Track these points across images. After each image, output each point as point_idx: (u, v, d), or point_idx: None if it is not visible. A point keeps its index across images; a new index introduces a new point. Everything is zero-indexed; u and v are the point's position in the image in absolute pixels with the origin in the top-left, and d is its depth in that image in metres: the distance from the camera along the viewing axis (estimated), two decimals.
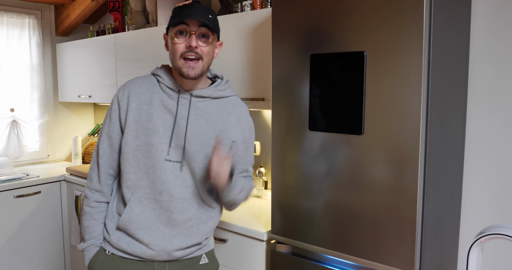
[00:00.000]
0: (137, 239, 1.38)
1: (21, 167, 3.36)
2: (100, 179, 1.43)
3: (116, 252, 1.42)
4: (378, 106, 1.47)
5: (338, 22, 1.54)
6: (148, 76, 1.44)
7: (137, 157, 1.36)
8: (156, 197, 1.37)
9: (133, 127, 1.36)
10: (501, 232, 1.02)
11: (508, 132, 1.70)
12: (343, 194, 1.58)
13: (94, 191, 1.44)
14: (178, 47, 1.30)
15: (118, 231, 1.41)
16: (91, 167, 1.46)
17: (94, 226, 1.43)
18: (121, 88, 1.42)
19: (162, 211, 1.38)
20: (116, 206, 1.45)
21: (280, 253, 1.79)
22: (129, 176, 1.39)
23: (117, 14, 3.22)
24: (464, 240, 1.83)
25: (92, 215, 1.43)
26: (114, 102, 1.41)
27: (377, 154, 1.49)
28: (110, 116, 1.41)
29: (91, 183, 1.45)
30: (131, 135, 1.36)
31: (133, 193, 1.38)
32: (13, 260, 2.88)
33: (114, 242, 1.41)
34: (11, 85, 3.23)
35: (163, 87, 1.39)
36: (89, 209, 1.44)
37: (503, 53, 1.69)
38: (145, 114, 1.36)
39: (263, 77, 2.11)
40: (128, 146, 1.37)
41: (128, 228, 1.38)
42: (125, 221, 1.38)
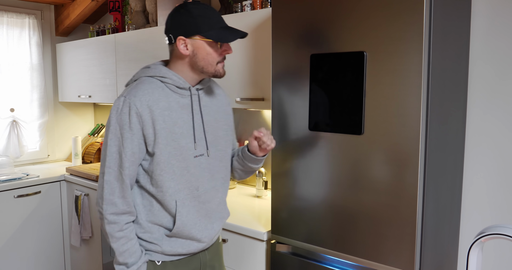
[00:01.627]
0: (192, 238, 1.43)
1: (21, 167, 3.36)
2: (127, 200, 1.34)
3: (168, 258, 1.42)
4: (378, 106, 1.47)
5: (338, 22, 1.54)
6: (150, 80, 1.37)
7: (171, 163, 1.36)
8: (194, 194, 1.42)
9: (163, 135, 1.33)
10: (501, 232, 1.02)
11: (508, 132, 1.70)
12: (343, 194, 1.58)
13: (121, 214, 1.34)
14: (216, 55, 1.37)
15: (168, 238, 1.41)
16: (108, 191, 1.32)
17: (133, 246, 1.36)
18: (134, 99, 1.31)
19: (201, 204, 1.44)
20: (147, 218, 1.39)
21: (280, 253, 1.79)
22: (168, 185, 1.36)
23: (117, 14, 3.22)
24: (464, 240, 1.83)
25: (128, 238, 1.35)
26: (131, 115, 1.30)
27: (377, 154, 1.49)
28: (132, 130, 1.31)
29: (116, 208, 1.33)
30: (163, 144, 1.34)
31: (176, 199, 1.38)
32: (13, 260, 2.88)
33: (168, 250, 1.40)
34: (11, 85, 3.23)
35: (173, 88, 1.38)
36: (122, 233, 1.34)
37: (503, 53, 1.69)
38: (169, 120, 1.35)
39: (263, 77, 2.11)
40: (163, 156, 1.34)
41: (183, 231, 1.40)
42: (180, 227, 1.39)
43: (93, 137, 3.64)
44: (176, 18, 1.35)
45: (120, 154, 1.32)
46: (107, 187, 1.33)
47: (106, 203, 1.33)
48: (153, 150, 1.34)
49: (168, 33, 1.38)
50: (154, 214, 1.39)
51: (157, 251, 1.40)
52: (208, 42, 1.35)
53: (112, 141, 1.32)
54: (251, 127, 2.62)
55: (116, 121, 1.32)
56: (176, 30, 1.35)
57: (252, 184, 2.68)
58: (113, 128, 1.33)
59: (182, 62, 1.39)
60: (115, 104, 1.34)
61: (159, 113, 1.33)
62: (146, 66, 1.43)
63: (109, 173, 1.33)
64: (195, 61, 1.37)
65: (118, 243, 1.34)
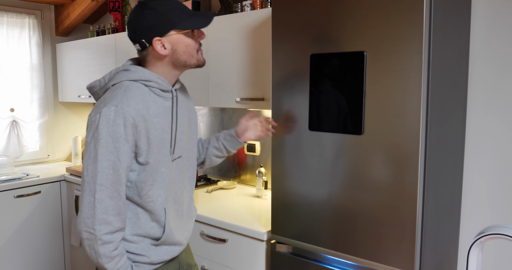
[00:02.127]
0: (176, 242, 1.42)
1: (21, 167, 3.36)
2: (122, 217, 1.26)
3: (154, 267, 1.39)
4: (378, 106, 1.47)
5: (338, 22, 1.54)
6: (135, 85, 1.27)
7: (160, 171, 1.32)
8: (174, 198, 1.41)
9: (155, 144, 1.28)
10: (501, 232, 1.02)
11: (508, 132, 1.70)
12: (343, 194, 1.58)
13: (116, 232, 1.25)
14: (193, 42, 1.32)
15: (154, 248, 1.37)
16: (102, 210, 1.21)
17: (126, 261, 1.29)
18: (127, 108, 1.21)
19: (178, 207, 1.43)
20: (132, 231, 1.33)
21: (280, 253, 1.79)
22: (159, 193, 1.32)
23: (117, 14, 3.22)
24: (464, 240, 1.83)
25: (121, 255, 1.27)
26: (127, 126, 1.20)
27: (377, 154, 1.49)
28: (129, 143, 1.22)
29: (112, 227, 1.23)
30: (155, 153, 1.28)
31: (165, 207, 1.35)
32: (13, 260, 2.88)
33: (156, 259, 1.37)
34: (11, 85, 3.23)
35: (157, 92, 1.31)
36: (117, 251, 1.25)
37: (503, 53, 1.69)
38: (159, 127, 1.29)
39: (263, 77, 2.11)
40: (157, 165, 1.30)
41: (170, 239, 1.38)
42: (168, 234, 1.37)
43: None
44: (142, 20, 1.25)
45: (115, 170, 1.21)
46: (99, 206, 1.20)
47: (99, 223, 1.21)
48: (146, 160, 1.26)
49: (139, 38, 1.27)
50: (140, 226, 1.33)
51: (145, 262, 1.35)
52: (185, 33, 1.29)
53: (104, 155, 1.19)
54: None
55: (108, 133, 1.19)
56: (148, 33, 1.25)
57: (252, 184, 2.68)
58: (103, 142, 1.19)
59: (161, 63, 1.31)
60: (104, 114, 1.19)
61: (151, 121, 1.26)
62: (124, 68, 1.31)
63: (101, 191, 1.20)
64: (176, 58, 1.30)
65: (112, 262, 1.24)
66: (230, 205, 2.24)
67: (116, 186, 1.22)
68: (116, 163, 1.21)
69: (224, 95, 2.29)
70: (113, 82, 1.30)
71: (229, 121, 2.75)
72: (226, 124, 2.77)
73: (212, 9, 2.76)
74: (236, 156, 2.73)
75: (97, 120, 1.19)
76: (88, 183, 1.21)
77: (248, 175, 2.69)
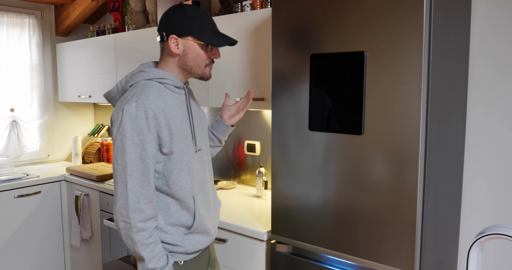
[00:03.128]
0: (207, 230, 1.48)
1: (21, 167, 3.36)
2: (153, 204, 1.34)
3: (189, 257, 1.45)
4: (378, 106, 1.47)
5: (338, 22, 1.54)
6: (152, 83, 1.38)
7: (185, 160, 1.40)
8: (201, 187, 1.48)
9: (177, 135, 1.37)
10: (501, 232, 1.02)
11: (508, 132, 1.70)
12: (343, 194, 1.58)
13: (148, 220, 1.32)
14: (205, 57, 1.42)
15: (187, 236, 1.43)
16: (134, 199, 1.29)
17: (161, 250, 1.36)
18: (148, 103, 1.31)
19: (205, 196, 1.50)
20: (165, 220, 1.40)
21: (280, 253, 1.79)
22: (186, 181, 1.41)
23: (117, 14, 3.22)
24: (464, 240, 1.83)
25: (156, 242, 1.34)
26: (149, 118, 1.30)
27: (377, 154, 1.49)
28: (152, 134, 1.31)
29: (145, 215, 1.31)
30: (178, 142, 1.37)
31: (194, 195, 1.43)
32: (13, 260, 2.88)
33: (191, 249, 1.44)
34: (11, 85, 3.23)
35: (172, 88, 1.41)
36: (151, 239, 1.33)
37: (503, 54, 1.69)
38: (178, 119, 1.39)
39: (263, 77, 2.11)
40: (180, 154, 1.39)
41: (201, 226, 1.45)
42: (199, 221, 1.44)
43: (93, 137, 3.64)
44: (170, 17, 1.38)
45: (143, 160, 1.30)
46: (131, 196, 1.29)
47: (133, 211, 1.29)
48: (170, 149, 1.35)
49: (161, 30, 1.40)
50: (172, 215, 1.40)
51: (180, 251, 1.43)
52: (199, 44, 1.40)
53: (131, 148, 1.29)
54: (251, 127, 2.63)
55: (132, 127, 1.29)
56: (169, 29, 1.38)
57: (252, 184, 2.68)
58: (129, 135, 1.29)
59: (173, 61, 1.42)
60: (126, 110, 1.29)
61: (171, 113, 1.36)
62: (139, 70, 1.42)
63: (132, 181, 1.29)
64: (184, 61, 1.41)
65: (148, 249, 1.32)
66: (230, 205, 2.24)
67: (145, 175, 1.31)
68: (142, 154, 1.30)
69: (224, 95, 2.29)
70: (130, 83, 1.40)
71: None
72: None
73: (212, 9, 2.76)
74: (236, 156, 2.73)
75: (120, 117, 1.30)
76: (119, 176, 1.31)
77: (248, 175, 2.69)
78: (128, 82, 1.41)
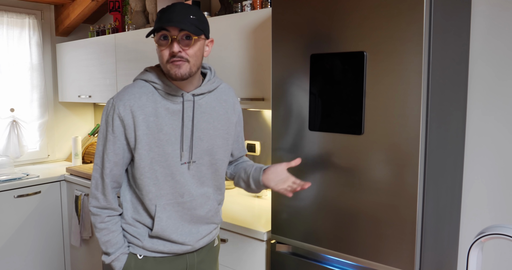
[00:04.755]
0: (172, 241, 1.43)
1: (21, 167, 3.36)
2: (108, 197, 1.39)
3: (149, 254, 1.44)
4: (378, 106, 1.47)
5: (338, 22, 1.54)
6: (142, 84, 1.36)
7: (154, 169, 1.36)
8: (178, 200, 1.41)
9: (144, 141, 1.33)
10: (501, 232, 1.02)
11: (508, 132, 1.70)
12: (343, 194, 1.58)
13: (103, 208, 1.40)
14: (164, 53, 1.29)
15: (150, 237, 1.43)
16: (94, 186, 1.40)
17: (115, 237, 1.41)
18: (118, 102, 1.31)
19: (185, 210, 1.43)
20: (133, 215, 1.43)
21: (280, 253, 1.79)
22: (149, 189, 1.38)
23: (117, 14, 3.22)
24: (464, 240, 1.83)
25: (109, 229, 1.40)
26: (114, 118, 1.32)
27: (377, 154, 1.49)
28: (114, 133, 1.33)
29: (98, 203, 1.40)
30: (144, 149, 1.33)
31: (156, 204, 1.39)
32: (13, 260, 2.88)
33: (149, 246, 1.42)
34: (11, 85, 3.23)
35: (163, 94, 1.34)
36: (103, 225, 1.40)
37: (503, 54, 1.69)
38: (154, 126, 1.33)
39: (263, 77, 2.11)
40: (143, 161, 1.35)
41: (162, 235, 1.41)
42: (158, 231, 1.40)
43: (93, 137, 3.64)
44: None
45: (105, 154, 1.37)
46: (93, 182, 1.41)
47: (91, 197, 1.41)
48: (134, 154, 1.36)
49: None
50: (139, 213, 1.42)
51: (138, 245, 1.43)
52: (156, 40, 1.30)
53: (100, 140, 1.38)
54: (251, 127, 2.63)
55: (104, 121, 1.37)
56: None
57: None
58: (101, 128, 1.38)
59: None
60: (106, 105, 1.37)
61: (143, 119, 1.32)
62: (144, 69, 1.42)
63: (95, 170, 1.40)
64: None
65: (100, 233, 1.40)
66: (230, 205, 2.24)
67: (104, 169, 1.38)
68: (104, 148, 1.37)
69: None
70: (134, 78, 1.43)
71: None
72: None
73: (212, 9, 2.76)
74: None
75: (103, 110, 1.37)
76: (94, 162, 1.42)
77: None
78: (135, 78, 1.44)
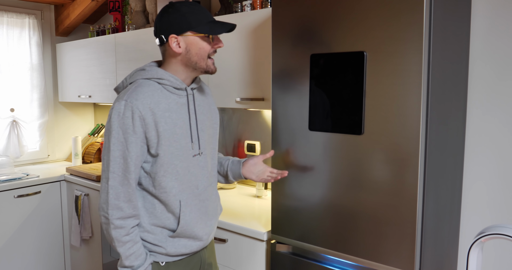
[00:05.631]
0: (194, 236, 1.45)
1: (21, 167, 3.36)
2: (133, 203, 1.35)
3: (171, 259, 1.44)
4: (378, 106, 1.47)
5: (338, 22, 1.54)
6: (148, 83, 1.37)
7: (174, 164, 1.38)
8: (195, 193, 1.45)
9: (166, 137, 1.35)
10: (501, 232, 1.02)
11: (507, 132, 1.70)
12: (343, 194, 1.58)
13: (127, 218, 1.34)
14: (207, 48, 1.38)
15: (171, 238, 1.42)
16: (114, 196, 1.32)
17: (139, 249, 1.37)
18: (136, 103, 1.31)
19: (201, 202, 1.47)
20: (149, 221, 1.40)
21: (280, 253, 1.79)
22: (172, 185, 1.38)
23: (117, 14, 3.22)
24: (464, 240, 1.83)
25: (134, 241, 1.36)
26: (135, 119, 1.30)
27: (377, 154, 1.49)
28: (136, 134, 1.31)
29: (123, 212, 1.32)
30: (166, 145, 1.35)
31: (180, 199, 1.40)
32: (13, 260, 2.88)
33: (172, 251, 1.42)
34: (11, 85, 3.23)
35: (170, 89, 1.38)
36: (128, 237, 1.34)
37: (503, 54, 1.69)
38: (171, 121, 1.36)
39: (263, 77, 2.11)
40: (167, 157, 1.36)
41: (186, 231, 1.42)
42: (184, 226, 1.41)
43: (93, 137, 3.64)
44: (165, 18, 1.36)
45: (125, 159, 1.31)
46: (112, 192, 1.32)
47: (112, 208, 1.32)
48: (156, 151, 1.35)
49: (159, 34, 1.37)
50: (157, 216, 1.40)
51: (161, 252, 1.41)
52: (200, 37, 1.37)
53: (115, 146, 1.31)
54: (251, 127, 2.63)
55: (119, 125, 1.30)
56: (166, 30, 1.35)
57: (252, 184, 2.68)
58: (115, 133, 1.31)
59: (175, 60, 1.39)
60: (115, 108, 1.31)
61: (161, 115, 1.34)
62: (141, 68, 1.42)
63: (114, 178, 1.32)
64: (188, 58, 1.38)
65: (124, 247, 1.34)
66: (230, 205, 2.24)
67: (126, 174, 1.32)
68: (125, 153, 1.31)
69: (224, 95, 2.29)
70: (130, 81, 1.41)
71: (229, 121, 2.75)
72: (226, 124, 2.77)
73: (212, 9, 2.76)
74: (236, 156, 2.73)
75: (110, 114, 1.32)
76: (104, 171, 1.34)
77: None
78: (128, 78, 1.42)
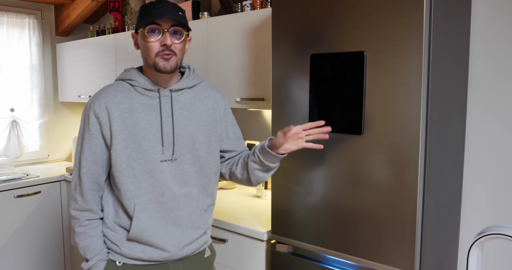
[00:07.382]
0: (152, 244, 1.38)
1: (21, 167, 3.36)
2: (86, 198, 1.38)
3: (128, 261, 1.40)
4: (378, 106, 1.47)
5: (338, 22, 1.54)
6: (118, 83, 1.40)
7: (131, 166, 1.34)
8: (159, 199, 1.37)
9: (120, 137, 1.33)
10: (501, 232, 1.02)
11: (508, 133, 1.70)
12: (343, 194, 1.58)
13: (83, 211, 1.39)
14: (153, 45, 1.32)
15: (128, 241, 1.39)
16: (73, 187, 1.40)
17: (93, 243, 1.39)
18: (94, 101, 1.35)
19: (168, 211, 1.39)
20: (114, 219, 1.40)
21: (280, 253, 1.79)
22: (127, 187, 1.35)
23: (117, 14, 3.22)
24: (464, 240, 1.83)
25: (88, 234, 1.39)
26: (90, 116, 1.35)
27: (377, 154, 1.49)
28: (90, 131, 1.35)
29: (77, 204, 1.38)
30: (121, 146, 1.33)
31: (135, 203, 1.36)
32: (13, 260, 2.88)
33: (127, 253, 1.39)
34: (11, 85, 3.23)
35: (140, 90, 1.36)
36: (82, 229, 1.38)
37: (503, 54, 1.69)
38: (130, 122, 1.34)
39: (263, 77, 2.11)
40: (120, 158, 1.34)
41: (141, 237, 1.37)
42: (136, 232, 1.36)
43: None
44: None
45: (82, 154, 1.38)
46: (72, 184, 1.41)
47: (71, 199, 1.41)
48: (111, 151, 1.36)
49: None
50: (119, 215, 1.40)
51: (116, 251, 1.40)
52: (141, 34, 1.34)
53: (78, 141, 1.40)
54: (251, 127, 2.62)
55: (82, 121, 1.39)
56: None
57: None
58: (80, 129, 1.40)
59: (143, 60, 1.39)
60: (85, 106, 1.40)
61: (118, 115, 1.33)
62: (126, 68, 1.46)
63: (74, 171, 1.41)
64: (143, 56, 1.38)
65: (79, 238, 1.40)
66: (230, 205, 2.24)
67: (81, 169, 1.38)
68: (81, 148, 1.38)
69: (224, 95, 2.29)
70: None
71: None
72: None
73: (212, 9, 2.76)
74: None
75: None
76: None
77: None
78: None
